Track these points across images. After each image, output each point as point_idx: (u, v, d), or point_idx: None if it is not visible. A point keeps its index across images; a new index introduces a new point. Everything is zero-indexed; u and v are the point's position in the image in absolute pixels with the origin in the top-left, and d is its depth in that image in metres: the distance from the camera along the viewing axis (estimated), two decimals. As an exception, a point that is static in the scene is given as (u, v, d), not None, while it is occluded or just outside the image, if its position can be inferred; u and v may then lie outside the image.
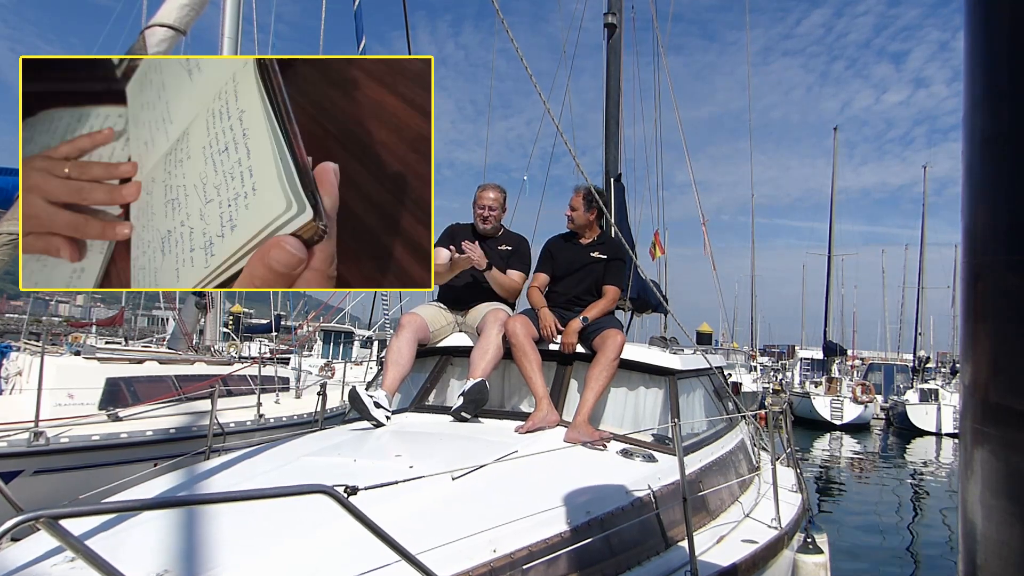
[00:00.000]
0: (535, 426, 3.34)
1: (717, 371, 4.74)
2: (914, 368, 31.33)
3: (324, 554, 1.85)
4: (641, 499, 2.75)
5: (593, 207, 4.10)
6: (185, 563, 1.74)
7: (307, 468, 2.59)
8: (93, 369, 6.96)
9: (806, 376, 33.90)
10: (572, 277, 4.07)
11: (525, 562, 2.11)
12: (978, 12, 1.16)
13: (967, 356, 1.16)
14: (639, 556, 2.58)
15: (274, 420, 8.07)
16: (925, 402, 24.93)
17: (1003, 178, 1.09)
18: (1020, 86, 1.06)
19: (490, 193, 4.17)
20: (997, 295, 1.09)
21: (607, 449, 3.21)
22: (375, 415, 3.42)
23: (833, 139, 32.59)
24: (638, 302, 6.01)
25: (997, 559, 1.04)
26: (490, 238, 4.18)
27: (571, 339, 3.74)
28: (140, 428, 6.63)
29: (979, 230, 1.14)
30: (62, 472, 5.92)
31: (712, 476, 3.57)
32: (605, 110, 6.94)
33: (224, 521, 1.92)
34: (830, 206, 31.86)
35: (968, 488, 1.12)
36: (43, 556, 1.81)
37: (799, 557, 3.64)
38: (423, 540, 1.90)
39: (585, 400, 3.45)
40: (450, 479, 2.36)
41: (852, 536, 9.63)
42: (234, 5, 10.40)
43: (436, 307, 4.15)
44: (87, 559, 1.23)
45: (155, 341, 15.69)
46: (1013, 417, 1.02)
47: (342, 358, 19.14)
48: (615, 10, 6.98)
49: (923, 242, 34.86)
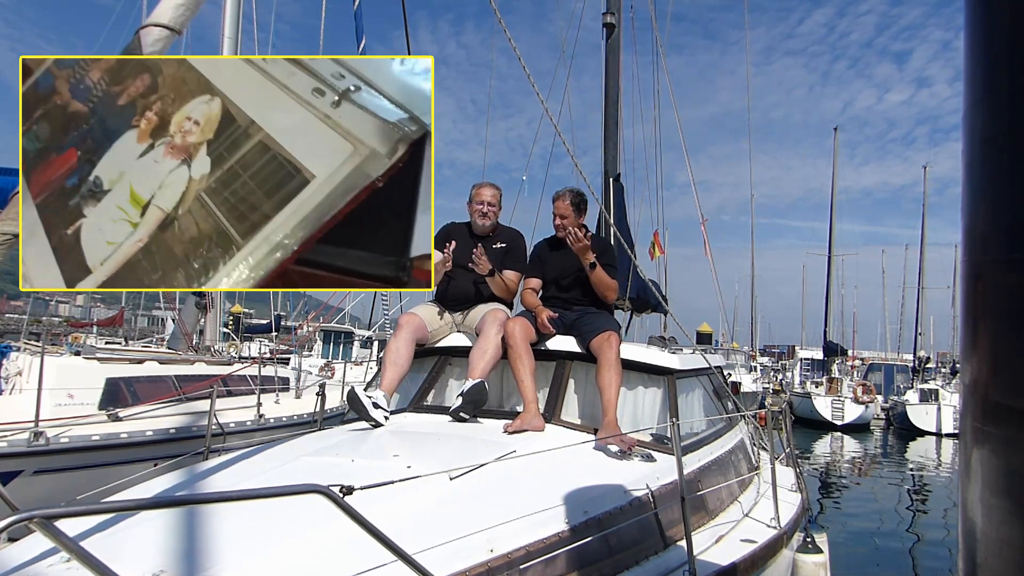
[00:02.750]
0: (521, 427, 3.34)
1: (716, 371, 4.74)
2: (914, 368, 31.33)
3: (321, 554, 1.85)
4: (639, 499, 2.75)
5: (583, 210, 4.08)
6: (182, 563, 1.74)
7: (305, 468, 2.58)
8: (93, 369, 6.96)
9: (806, 376, 33.91)
10: (563, 282, 4.06)
11: (523, 562, 2.11)
12: (978, 12, 1.15)
13: (967, 356, 1.15)
14: (637, 556, 2.58)
15: (274, 420, 8.07)
16: (925, 402, 24.92)
17: (1003, 178, 1.08)
18: (1020, 86, 1.05)
19: (488, 190, 4.15)
20: (997, 295, 1.09)
21: (632, 454, 3.19)
22: (373, 415, 3.42)
23: (833, 139, 32.65)
24: (638, 302, 6.01)
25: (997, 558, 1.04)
26: (485, 236, 4.17)
27: (576, 232, 3.72)
28: (140, 428, 6.63)
29: (979, 230, 1.13)
30: (62, 472, 5.92)
31: (711, 476, 3.57)
32: (604, 110, 6.94)
33: (221, 521, 1.92)
34: (830, 206, 31.93)
35: (968, 487, 1.12)
36: (39, 556, 1.80)
37: (798, 557, 3.63)
38: (420, 540, 1.90)
39: (608, 404, 3.44)
40: (448, 479, 2.36)
41: (852, 536, 9.63)
42: (234, 5, 10.40)
43: (435, 307, 4.15)
44: (81, 559, 1.22)
45: (155, 341, 15.70)
46: (1013, 416, 1.02)
47: (342, 358, 19.13)
48: (614, 10, 6.98)
49: (923, 242, 34.92)
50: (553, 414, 3.58)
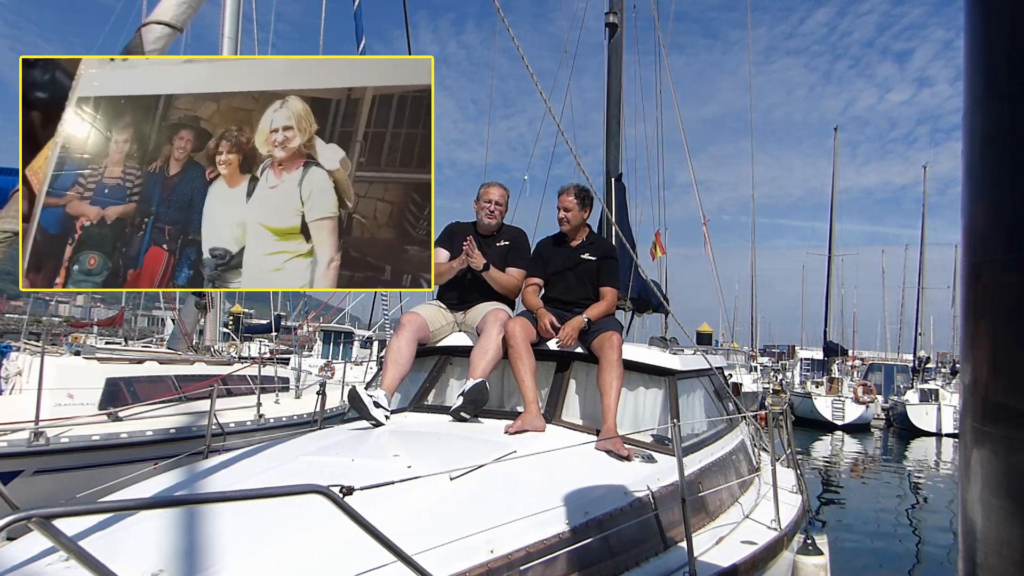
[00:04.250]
0: (522, 428, 3.34)
1: (717, 371, 4.73)
2: (914, 368, 31.33)
3: (320, 554, 1.84)
4: (640, 500, 2.74)
5: (587, 205, 4.07)
6: (180, 563, 1.73)
7: (305, 467, 2.58)
8: (93, 369, 6.96)
9: (806, 376, 33.89)
10: (565, 281, 4.04)
11: (523, 563, 2.11)
12: (978, 12, 1.15)
13: (967, 356, 1.15)
14: (638, 557, 2.57)
15: (274, 420, 8.07)
16: (925, 402, 24.92)
17: (1003, 178, 1.08)
18: (1020, 86, 1.05)
19: (497, 190, 4.16)
20: (997, 295, 1.09)
21: (632, 460, 3.18)
22: (374, 415, 3.42)
23: (834, 139, 32.64)
24: (638, 302, 6.00)
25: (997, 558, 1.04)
26: (489, 236, 4.18)
27: (570, 333, 3.71)
28: (140, 428, 6.63)
29: (979, 230, 1.13)
30: (62, 472, 5.92)
31: (712, 477, 3.56)
32: (606, 109, 6.94)
33: (220, 521, 1.91)
34: (830, 206, 31.93)
35: (968, 487, 1.12)
36: (38, 555, 1.80)
37: (799, 558, 3.63)
38: (420, 540, 1.90)
39: (608, 408, 3.43)
40: (448, 479, 2.36)
41: (852, 537, 9.62)
42: (234, 4, 10.40)
43: (436, 306, 4.15)
44: (79, 559, 1.22)
45: (155, 341, 15.69)
46: (1013, 416, 1.02)
47: (342, 358, 19.14)
48: (616, 9, 6.98)
49: (923, 242, 34.93)
50: (554, 414, 3.58)
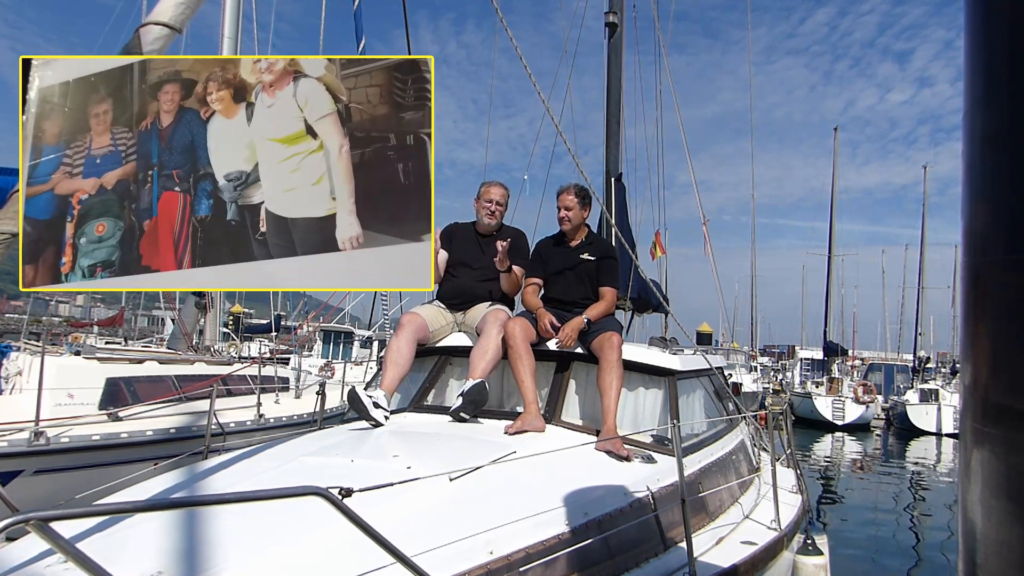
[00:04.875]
0: (522, 428, 3.34)
1: (717, 371, 4.73)
2: (914, 368, 31.33)
3: (319, 556, 1.84)
4: (640, 500, 2.74)
5: (587, 204, 4.06)
6: (180, 564, 1.73)
7: (304, 468, 2.58)
8: (93, 369, 6.96)
9: (806, 376, 33.90)
10: (565, 281, 4.04)
11: (522, 564, 2.10)
12: (978, 12, 1.15)
13: (967, 356, 1.15)
14: (637, 558, 2.57)
15: (274, 420, 8.07)
16: (925, 402, 24.93)
17: (1003, 178, 1.08)
18: (1020, 86, 1.05)
19: (498, 190, 4.16)
20: (997, 295, 1.09)
21: (632, 460, 3.18)
22: (374, 415, 3.42)
23: (834, 139, 32.64)
24: (638, 302, 6.00)
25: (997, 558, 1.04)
26: (489, 235, 4.18)
27: (570, 333, 3.71)
28: (140, 428, 6.63)
29: (979, 230, 1.13)
30: (62, 472, 5.92)
31: (712, 477, 3.56)
32: (606, 109, 6.93)
33: (219, 522, 1.91)
34: (830, 206, 31.92)
35: (968, 488, 1.12)
36: (37, 557, 1.80)
37: (799, 559, 3.63)
38: (419, 541, 1.90)
39: (607, 409, 3.43)
40: (447, 480, 2.35)
41: (852, 537, 9.62)
42: (234, 4, 10.39)
43: (436, 307, 4.15)
44: (77, 561, 1.22)
45: (155, 341, 15.69)
46: (1013, 417, 1.02)
47: (342, 358, 19.13)
48: (616, 9, 6.98)
49: (923, 242, 34.92)
50: (554, 415, 3.57)
